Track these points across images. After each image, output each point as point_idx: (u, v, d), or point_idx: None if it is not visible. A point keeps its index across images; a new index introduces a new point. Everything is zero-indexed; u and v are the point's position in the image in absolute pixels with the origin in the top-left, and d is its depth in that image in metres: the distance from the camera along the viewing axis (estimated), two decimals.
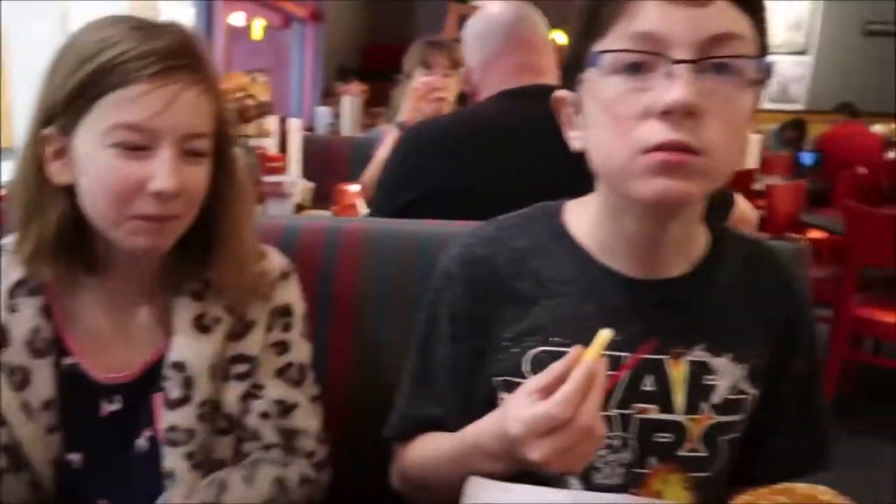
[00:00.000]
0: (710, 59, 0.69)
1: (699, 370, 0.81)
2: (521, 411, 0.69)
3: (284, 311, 0.94)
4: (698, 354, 0.81)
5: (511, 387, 0.82)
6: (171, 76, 0.79)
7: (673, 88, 0.68)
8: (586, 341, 0.76)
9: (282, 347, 0.94)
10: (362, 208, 2.12)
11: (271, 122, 2.57)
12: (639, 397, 0.80)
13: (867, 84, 8.25)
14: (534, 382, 0.71)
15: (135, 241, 0.82)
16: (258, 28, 5.77)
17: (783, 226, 3.71)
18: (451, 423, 0.85)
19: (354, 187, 2.21)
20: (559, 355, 0.76)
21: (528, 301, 0.83)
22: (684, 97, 0.67)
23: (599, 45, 0.73)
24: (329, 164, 3.26)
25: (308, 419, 0.95)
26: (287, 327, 0.94)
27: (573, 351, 0.70)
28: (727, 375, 0.81)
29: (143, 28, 0.82)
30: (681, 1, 0.69)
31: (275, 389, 0.93)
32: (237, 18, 5.36)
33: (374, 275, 1.12)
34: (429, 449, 0.88)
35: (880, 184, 5.63)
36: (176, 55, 0.80)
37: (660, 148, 0.69)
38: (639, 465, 0.81)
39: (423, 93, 2.32)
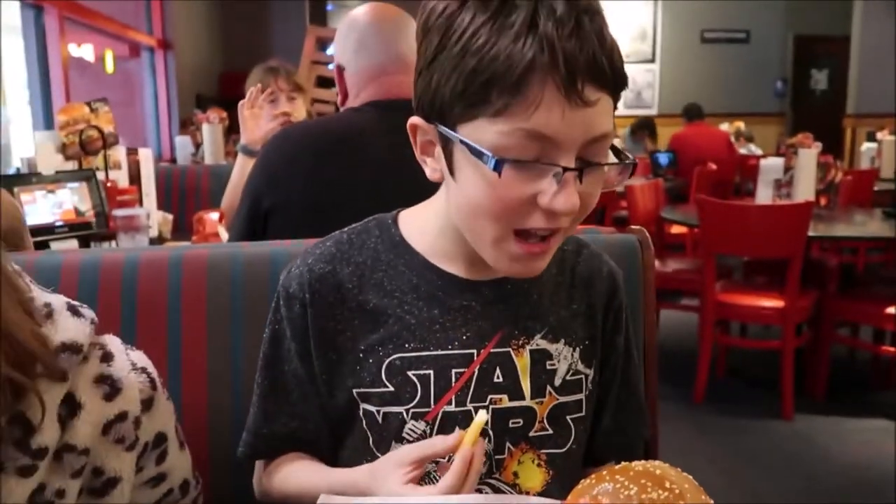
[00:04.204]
0: (594, 164, 0.74)
1: (540, 357, 0.86)
2: (398, 489, 0.73)
3: (156, 443, 0.77)
4: (538, 342, 0.86)
5: (370, 397, 0.84)
6: None
7: (563, 196, 0.72)
8: (437, 344, 0.84)
9: (158, 479, 0.80)
10: (224, 236, 2.02)
11: (119, 154, 2.41)
12: (491, 389, 0.84)
13: (708, 86, 8.88)
14: (409, 454, 0.75)
15: None
16: (109, 60, 5.48)
17: (645, 223, 3.88)
18: (310, 436, 0.88)
19: (214, 215, 2.11)
20: (414, 360, 0.84)
21: (377, 312, 0.85)
22: (574, 204, 0.72)
23: (490, 126, 0.71)
24: (190, 194, 3.13)
25: None
26: (163, 457, 0.79)
27: (454, 436, 0.75)
28: (564, 359, 0.87)
29: None
30: (578, 105, 0.69)
31: None
32: (85, 52, 5.07)
33: (223, 301, 1.08)
34: (291, 482, 0.88)
35: (730, 178, 6.05)
36: None
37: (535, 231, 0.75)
38: (498, 452, 0.85)
39: (268, 113, 2.28)
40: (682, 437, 2.91)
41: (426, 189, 0.88)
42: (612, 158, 0.77)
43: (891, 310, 3.11)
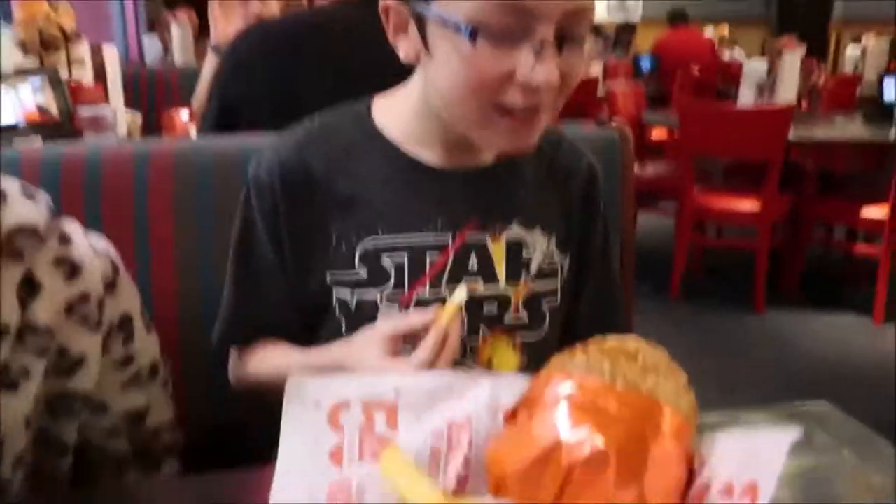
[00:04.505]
0: (572, 37, 0.72)
1: (516, 244, 0.86)
2: (375, 363, 0.73)
3: (121, 325, 0.78)
4: (514, 230, 0.86)
5: (343, 284, 0.84)
6: None
7: (542, 68, 0.70)
8: (411, 229, 0.83)
9: (126, 361, 0.80)
10: (195, 136, 1.97)
11: (82, 51, 2.31)
12: (466, 275, 0.84)
13: None
14: (386, 328, 0.75)
15: None
16: None
17: None
18: (283, 325, 0.88)
19: (185, 113, 2.05)
20: (388, 246, 0.83)
21: (350, 200, 0.84)
22: (553, 79, 0.70)
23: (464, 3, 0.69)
24: (160, 96, 3.04)
25: (163, 411, 0.86)
26: (129, 339, 0.80)
27: (431, 310, 0.74)
28: (539, 246, 0.87)
29: None
30: None
31: (123, 402, 0.82)
32: None
33: (191, 196, 1.06)
34: (266, 365, 0.88)
35: (713, 83, 5.96)
36: None
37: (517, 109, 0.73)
38: (472, 338, 0.85)
39: (239, 11, 2.18)
40: (657, 333, 2.96)
41: (401, 81, 0.86)
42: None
43: (865, 209, 3.14)
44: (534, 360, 0.86)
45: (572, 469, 0.52)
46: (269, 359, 0.88)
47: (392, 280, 0.82)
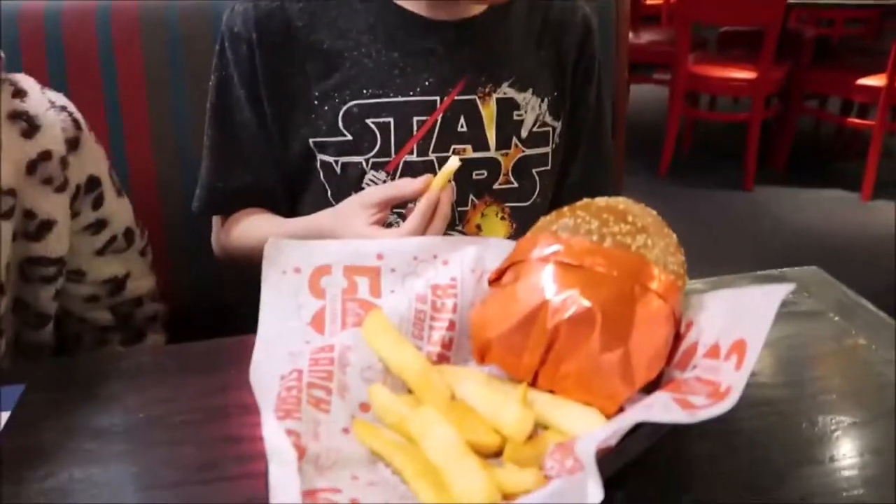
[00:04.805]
0: None
1: (507, 107, 0.82)
2: (363, 231, 0.70)
3: (89, 187, 0.75)
4: (505, 91, 0.82)
5: (327, 147, 0.80)
6: None
7: None
8: (397, 89, 0.78)
9: (98, 226, 0.78)
10: None
11: None
12: (455, 139, 0.81)
13: None
14: (375, 194, 0.71)
15: None
16: None
17: None
18: (266, 190, 0.85)
19: None
20: (373, 108, 0.78)
21: (332, 54, 0.79)
22: None
23: None
24: None
25: (143, 279, 0.85)
26: (98, 202, 0.77)
27: (422, 179, 0.70)
28: (532, 110, 0.84)
29: None
30: None
31: (99, 269, 0.80)
32: None
33: (160, 54, 1.00)
34: (250, 234, 0.85)
35: None
36: None
37: None
38: (461, 204, 0.83)
39: None
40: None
41: None
42: None
43: (861, 80, 3.06)
44: (522, 228, 0.85)
45: (557, 330, 0.51)
46: (252, 228, 0.85)
47: (378, 144, 0.79)
